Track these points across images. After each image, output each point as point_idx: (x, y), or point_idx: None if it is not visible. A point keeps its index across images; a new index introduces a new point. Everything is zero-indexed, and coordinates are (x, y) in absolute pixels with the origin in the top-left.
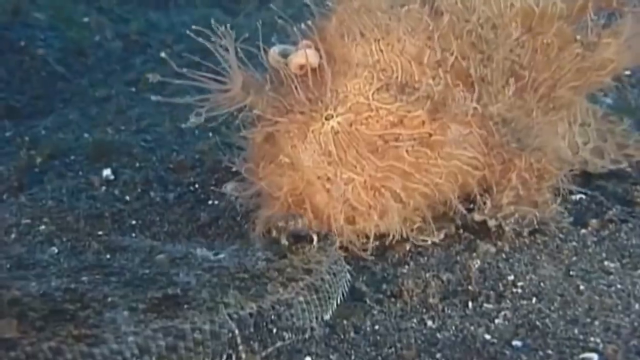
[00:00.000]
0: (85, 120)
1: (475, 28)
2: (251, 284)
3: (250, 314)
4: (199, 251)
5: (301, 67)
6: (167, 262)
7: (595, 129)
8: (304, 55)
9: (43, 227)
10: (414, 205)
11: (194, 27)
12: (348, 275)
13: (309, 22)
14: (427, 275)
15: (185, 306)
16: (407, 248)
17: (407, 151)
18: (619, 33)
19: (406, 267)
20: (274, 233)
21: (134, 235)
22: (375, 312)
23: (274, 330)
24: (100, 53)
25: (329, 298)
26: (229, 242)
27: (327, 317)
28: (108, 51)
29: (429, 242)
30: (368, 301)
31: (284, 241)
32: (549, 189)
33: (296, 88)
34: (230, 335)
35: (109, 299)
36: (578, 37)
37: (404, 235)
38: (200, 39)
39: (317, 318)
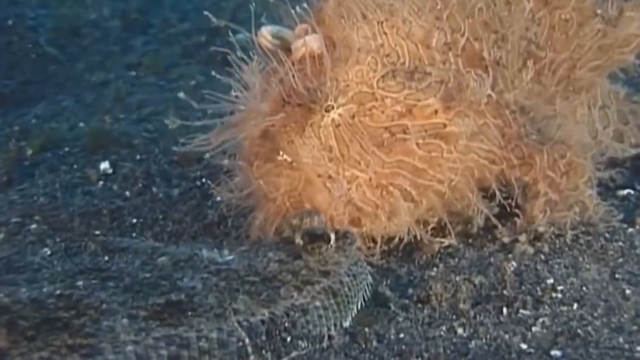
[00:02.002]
0: (80, 107)
1: (487, 5)
2: (262, 288)
3: (262, 321)
4: (205, 253)
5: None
6: (170, 265)
7: (616, 111)
8: (306, 43)
9: (34, 226)
10: (427, 205)
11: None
12: (370, 278)
13: (305, 4)
14: (458, 278)
15: (190, 313)
16: (436, 249)
17: (417, 144)
18: None
19: (434, 269)
20: (287, 232)
21: (134, 235)
22: (400, 319)
23: (288, 339)
24: (97, 33)
25: (349, 303)
26: (238, 242)
27: (346, 324)
28: (106, 31)
29: (448, 244)
30: (392, 307)
31: (298, 240)
32: (587, 184)
33: (293, 77)
34: (239, 344)
35: (107, 306)
36: (598, 11)
37: (418, 237)
38: (206, 18)
39: (335, 325)
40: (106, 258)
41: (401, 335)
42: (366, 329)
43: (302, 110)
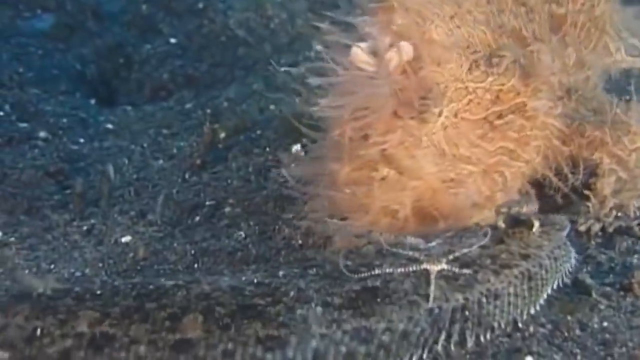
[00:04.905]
0: (270, 90)
1: None
2: (460, 273)
3: (454, 308)
4: (409, 239)
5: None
6: (373, 253)
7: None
8: (401, 51)
9: (228, 209)
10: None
11: None
12: (573, 261)
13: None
14: None
15: (385, 300)
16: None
17: (510, 128)
18: None
19: (636, 256)
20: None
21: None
22: (602, 307)
23: (476, 326)
24: (284, 15)
25: (543, 286)
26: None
27: (534, 309)
28: (292, 13)
29: None
30: (594, 295)
31: (500, 224)
32: None
33: (401, 90)
34: (422, 334)
35: (303, 293)
36: None
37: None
38: None
39: (522, 313)
40: (300, 242)
41: (604, 324)
42: (568, 317)
43: (415, 123)
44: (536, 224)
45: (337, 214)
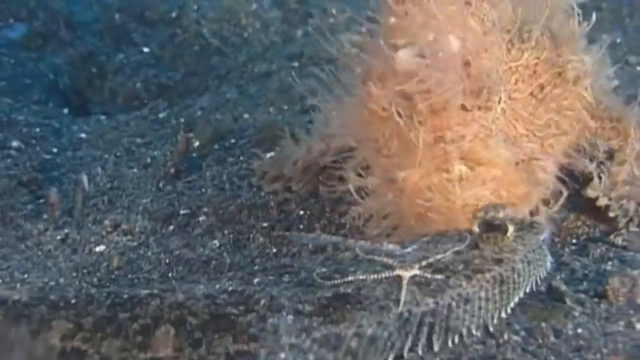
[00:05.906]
0: (244, 99)
1: None
2: (432, 279)
3: (424, 312)
4: (385, 246)
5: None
6: (348, 260)
7: None
8: (452, 43)
9: (203, 218)
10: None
11: None
12: (548, 265)
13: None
14: (635, 272)
15: (355, 306)
16: (618, 241)
17: (551, 99)
18: None
19: (610, 263)
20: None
21: (301, 227)
22: (576, 314)
23: (444, 330)
24: (258, 24)
25: (515, 289)
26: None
27: (504, 315)
28: (266, 22)
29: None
30: (568, 302)
31: (474, 228)
32: None
33: (467, 78)
34: (389, 339)
35: (275, 301)
36: None
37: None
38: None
39: (492, 318)
40: (274, 250)
41: (579, 331)
42: (543, 324)
43: (481, 112)
44: (510, 228)
45: (403, 224)
